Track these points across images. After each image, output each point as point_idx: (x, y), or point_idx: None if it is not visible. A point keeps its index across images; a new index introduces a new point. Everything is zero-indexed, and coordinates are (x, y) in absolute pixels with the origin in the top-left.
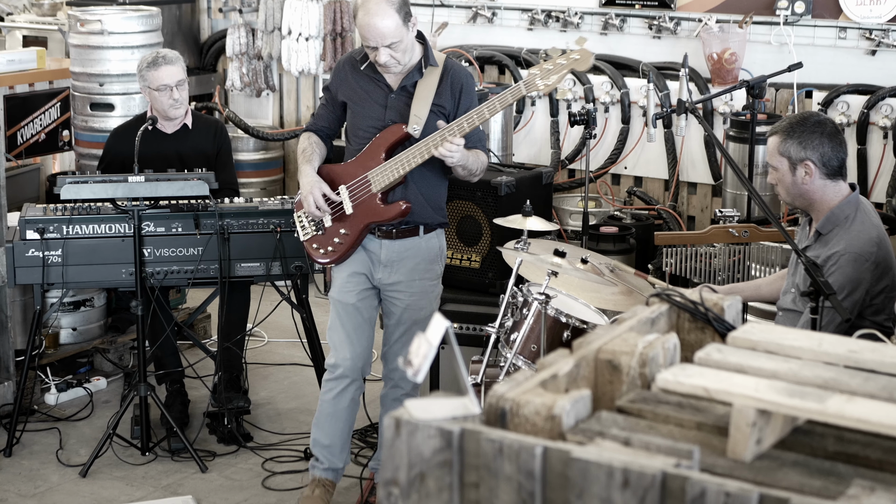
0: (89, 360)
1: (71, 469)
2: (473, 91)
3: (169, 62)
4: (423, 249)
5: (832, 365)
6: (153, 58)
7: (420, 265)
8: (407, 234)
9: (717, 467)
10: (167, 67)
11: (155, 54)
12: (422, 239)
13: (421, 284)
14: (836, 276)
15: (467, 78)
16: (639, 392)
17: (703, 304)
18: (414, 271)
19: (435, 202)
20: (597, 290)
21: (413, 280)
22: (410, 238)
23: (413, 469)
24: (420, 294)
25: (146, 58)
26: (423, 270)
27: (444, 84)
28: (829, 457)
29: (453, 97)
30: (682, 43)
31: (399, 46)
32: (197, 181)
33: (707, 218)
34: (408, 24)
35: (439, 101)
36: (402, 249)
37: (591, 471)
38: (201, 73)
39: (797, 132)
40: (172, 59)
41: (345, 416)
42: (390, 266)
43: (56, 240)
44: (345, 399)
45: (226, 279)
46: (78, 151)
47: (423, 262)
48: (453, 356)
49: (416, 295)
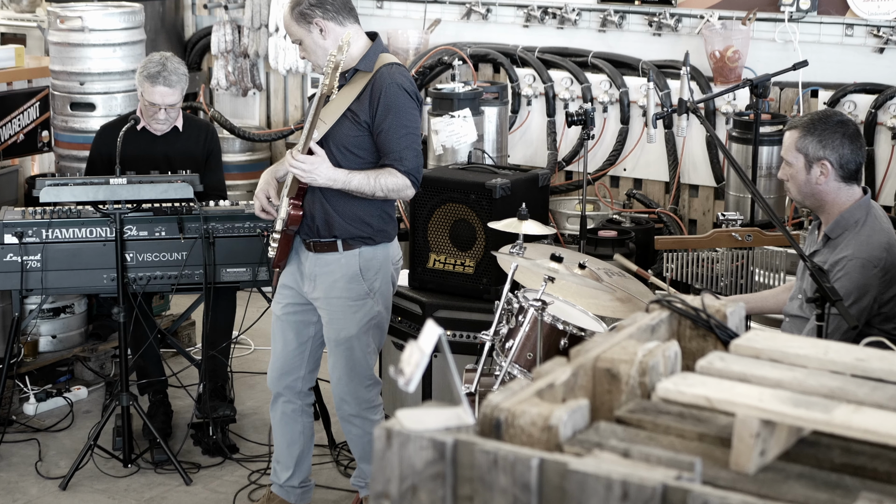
0: (69, 369)
1: (51, 482)
2: (394, 99)
3: (168, 83)
4: (342, 266)
5: (839, 374)
6: (156, 70)
7: (338, 283)
8: (325, 249)
9: (720, 480)
10: (164, 89)
11: (160, 66)
12: (341, 255)
13: (339, 303)
14: (843, 282)
15: (390, 86)
16: (638, 402)
17: (705, 311)
18: (332, 288)
19: (348, 213)
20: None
21: (330, 298)
22: (330, 253)
23: (405, 482)
24: (340, 313)
25: (151, 63)
26: (342, 289)
27: (366, 90)
28: (836, 469)
29: (371, 104)
30: (683, 40)
31: (304, 46)
32: (181, 183)
33: (709, 222)
34: (306, 26)
35: (357, 107)
36: (323, 264)
37: (589, 483)
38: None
39: (818, 129)
40: (173, 81)
41: (280, 431)
42: (313, 280)
43: (35, 244)
44: (276, 413)
45: (211, 285)
46: (58, 153)
47: (342, 280)
48: (446, 365)
49: (334, 313)
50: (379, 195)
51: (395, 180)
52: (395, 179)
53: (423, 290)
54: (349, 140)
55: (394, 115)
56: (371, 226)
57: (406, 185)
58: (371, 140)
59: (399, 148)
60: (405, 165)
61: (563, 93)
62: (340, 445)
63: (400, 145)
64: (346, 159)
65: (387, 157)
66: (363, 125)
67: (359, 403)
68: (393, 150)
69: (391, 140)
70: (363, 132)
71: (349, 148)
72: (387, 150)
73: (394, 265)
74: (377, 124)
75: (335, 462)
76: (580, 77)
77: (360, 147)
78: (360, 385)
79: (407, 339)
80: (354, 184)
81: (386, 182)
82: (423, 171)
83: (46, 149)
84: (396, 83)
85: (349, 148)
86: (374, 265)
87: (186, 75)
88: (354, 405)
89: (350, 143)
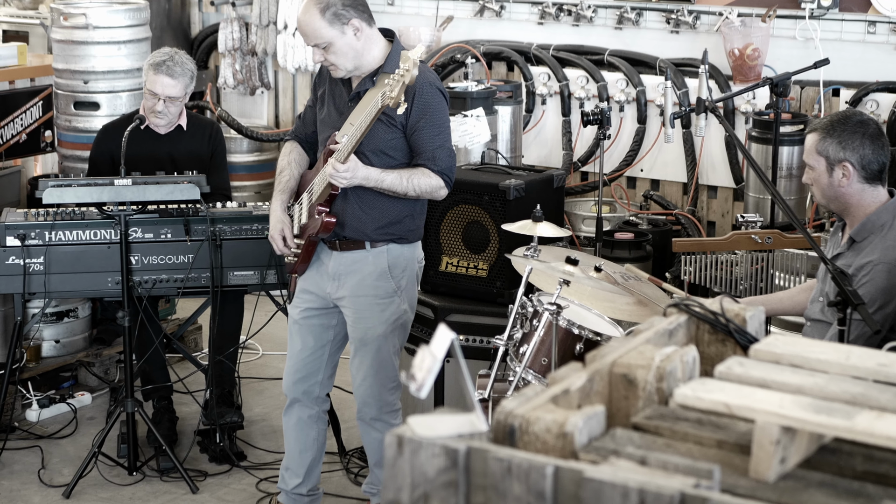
0: (73, 375)
1: (54, 490)
2: (429, 99)
3: (170, 74)
4: (370, 263)
5: (861, 379)
6: (162, 59)
7: (366, 280)
8: (352, 247)
9: (739, 488)
10: (166, 78)
11: (167, 56)
12: (369, 252)
13: (366, 301)
14: (867, 288)
15: (423, 86)
16: (656, 408)
17: (724, 315)
18: (359, 286)
19: (382, 216)
20: (611, 299)
21: (358, 296)
22: (357, 251)
23: (416, 490)
24: (367, 311)
25: (159, 53)
26: (370, 287)
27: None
28: (858, 477)
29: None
30: (701, 38)
31: (332, 49)
32: (188, 185)
33: (728, 223)
34: (339, 27)
35: (389, 110)
36: (350, 262)
37: (605, 492)
38: None
39: (837, 131)
40: (177, 72)
41: (294, 437)
42: (338, 279)
43: (38, 247)
44: (290, 418)
45: (218, 288)
46: (61, 153)
47: (370, 278)
48: (459, 370)
49: (360, 312)
50: (411, 195)
51: (428, 180)
52: (429, 180)
53: (435, 293)
54: (384, 143)
55: (429, 115)
56: (402, 224)
57: (439, 186)
58: (405, 141)
59: (432, 147)
60: (438, 165)
61: (578, 91)
62: (351, 453)
63: (433, 144)
64: (380, 161)
65: (420, 157)
66: (398, 127)
67: (381, 407)
68: (426, 150)
69: (425, 140)
70: (398, 134)
71: (384, 150)
72: (420, 150)
73: (419, 264)
74: (412, 124)
75: (345, 470)
76: (596, 75)
77: (395, 149)
78: (384, 387)
79: (419, 343)
80: (387, 183)
81: (419, 182)
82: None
83: (49, 149)
84: (429, 82)
85: (384, 150)
86: (402, 263)
87: (193, 73)
88: (376, 408)
89: (385, 145)
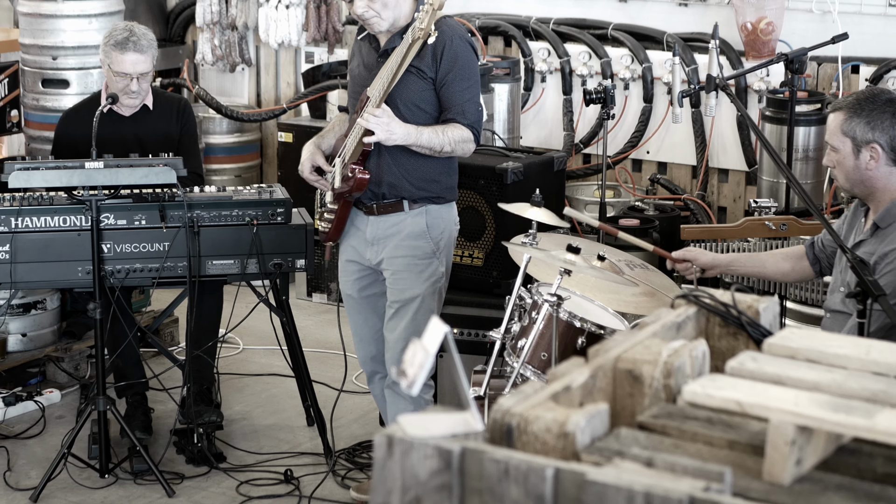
0: (41, 370)
1: (20, 493)
2: (459, 51)
3: (138, 49)
4: (408, 224)
5: (882, 375)
6: (123, 36)
7: (404, 241)
8: (390, 210)
9: (752, 491)
10: (134, 55)
11: (127, 32)
12: (407, 214)
13: (404, 262)
14: (889, 277)
15: (452, 38)
16: (663, 406)
17: (736, 307)
18: (398, 248)
19: (418, 174)
20: (615, 290)
21: (395, 258)
22: (395, 214)
23: (407, 493)
24: (405, 272)
25: (116, 31)
26: (408, 247)
27: (427, 45)
28: (878, 479)
29: (435, 58)
30: (711, 11)
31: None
32: (163, 168)
33: (740, 209)
34: None
35: (418, 62)
36: (388, 226)
37: (608, 495)
38: (168, 46)
39: (865, 110)
40: (143, 46)
41: (383, 406)
42: (377, 244)
43: (3, 234)
44: (376, 389)
45: (195, 278)
46: (28, 133)
47: (409, 238)
48: (453, 365)
49: (398, 273)
50: (447, 150)
51: (461, 132)
52: (461, 132)
53: None
54: (417, 95)
55: (458, 68)
56: (439, 183)
57: (469, 139)
58: (436, 94)
59: (462, 101)
60: (468, 118)
61: (580, 68)
62: (338, 454)
63: (463, 98)
64: (413, 116)
65: (449, 111)
66: (429, 80)
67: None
68: (455, 104)
69: (454, 93)
70: (429, 86)
71: (417, 104)
72: (449, 104)
73: (455, 226)
74: (441, 77)
75: (332, 472)
76: (599, 51)
77: (427, 102)
78: None
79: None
80: (425, 138)
81: (453, 134)
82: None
83: (16, 129)
84: (458, 35)
85: (417, 104)
86: (440, 224)
87: (155, 43)
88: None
89: (417, 97)
